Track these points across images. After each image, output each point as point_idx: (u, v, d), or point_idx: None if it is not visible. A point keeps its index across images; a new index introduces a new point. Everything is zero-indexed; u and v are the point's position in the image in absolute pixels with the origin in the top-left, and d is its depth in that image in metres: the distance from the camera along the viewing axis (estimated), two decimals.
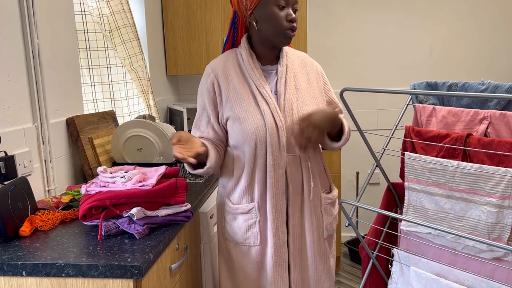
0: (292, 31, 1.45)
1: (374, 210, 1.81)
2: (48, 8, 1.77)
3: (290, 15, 1.43)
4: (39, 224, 1.38)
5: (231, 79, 1.51)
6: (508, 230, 1.60)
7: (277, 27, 1.44)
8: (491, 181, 1.62)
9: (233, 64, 1.53)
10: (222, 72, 1.52)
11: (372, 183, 3.36)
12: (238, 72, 1.52)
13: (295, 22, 1.45)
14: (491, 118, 1.70)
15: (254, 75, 1.49)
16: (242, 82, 1.51)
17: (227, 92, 1.50)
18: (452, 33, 3.34)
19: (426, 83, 1.93)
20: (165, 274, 1.35)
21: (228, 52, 1.59)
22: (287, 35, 1.45)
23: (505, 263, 1.63)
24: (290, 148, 1.48)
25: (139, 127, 2.01)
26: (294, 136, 1.45)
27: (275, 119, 1.46)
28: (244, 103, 1.48)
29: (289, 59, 1.55)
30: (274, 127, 1.45)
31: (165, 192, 1.41)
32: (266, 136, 1.45)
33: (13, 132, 1.55)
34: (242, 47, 1.53)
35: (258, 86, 1.48)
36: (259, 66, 1.52)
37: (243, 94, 1.49)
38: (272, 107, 1.46)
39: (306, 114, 1.37)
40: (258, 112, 1.47)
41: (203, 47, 3.12)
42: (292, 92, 1.50)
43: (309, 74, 1.57)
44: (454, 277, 1.75)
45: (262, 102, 1.47)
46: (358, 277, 3.10)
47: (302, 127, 1.35)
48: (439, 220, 1.79)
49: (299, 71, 1.56)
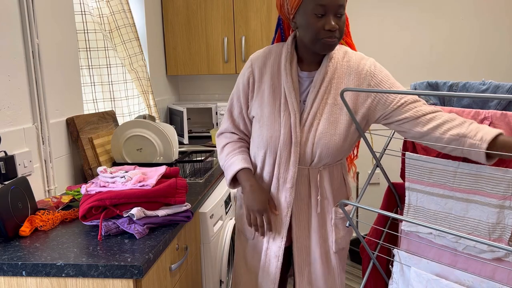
0: (331, 38, 1.33)
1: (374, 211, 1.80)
2: (48, 8, 1.77)
3: (329, 24, 1.31)
4: (39, 224, 1.37)
5: (265, 79, 1.47)
6: (509, 231, 1.60)
7: (313, 35, 1.34)
8: (492, 181, 1.61)
9: (272, 64, 1.47)
10: (260, 69, 1.48)
11: (372, 183, 3.36)
12: (275, 74, 1.46)
13: (336, 32, 1.33)
14: (492, 118, 1.70)
15: (287, 82, 1.42)
16: (275, 84, 1.46)
17: (258, 91, 1.48)
18: (453, 33, 3.34)
19: (426, 83, 1.93)
20: (165, 274, 1.35)
21: (275, 45, 1.51)
22: (325, 43, 1.34)
23: (506, 263, 1.63)
24: (301, 162, 1.45)
25: (139, 127, 2.00)
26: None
27: (291, 134, 1.42)
28: (269, 107, 1.45)
29: (332, 65, 1.42)
30: (288, 142, 1.42)
31: (165, 192, 1.41)
32: (277, 147, 1.44)
33: (13, 132, 1.55)
34: (285, 47, 1.46)
35: (287, 94, 1.42)
36: (296, 72, 1.44)
37: (270, 98, 1.45)
38: (292, 121, 1.41)
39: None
40: (277, 122, 1.43)
41: (203, 47, 3.12)
42: (321, 106, 1.41)
43: (349, 85, 1.42)
44: (454, 277, 1.75)
45: (285, 112, 1.42)
46: (358, 277, 3.09)
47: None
48: (439, 221, 1.78)
49: (339, 81, 1.42)
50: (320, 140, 1.40)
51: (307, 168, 1.46)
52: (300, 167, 1.46)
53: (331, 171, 1.50)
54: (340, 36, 1.36)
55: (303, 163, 1.45)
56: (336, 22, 1.32)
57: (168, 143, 2.01)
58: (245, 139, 1.60)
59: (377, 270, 2.06)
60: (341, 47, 1.48)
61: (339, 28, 1.34)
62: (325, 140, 1.40)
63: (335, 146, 1.41)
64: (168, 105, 3.15)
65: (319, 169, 1.47)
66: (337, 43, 1.37)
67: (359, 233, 1.97)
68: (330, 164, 1.49)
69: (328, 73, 1.42)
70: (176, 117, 2.98)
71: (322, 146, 1.40)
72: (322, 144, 1.40)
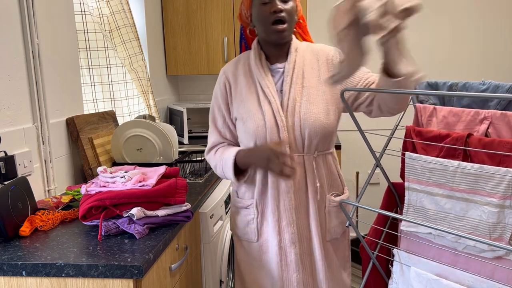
0: (278, 23, 1.41)
1: (374, 210, 1.81)
2: (48, 8, 1.77)
3: (274, 6, 1.40)
4: (39, 224, 1.37)
5: (240, 80, 1.53)
6: (510, 230, 1.60)
7: (264, 23, 1.43)
8: (492, 181, 1.62)
9: (243, 66, 1.55)
10: (232, 73, 1.55)
11: (372, 183, 3.35)
12: (247, 73, 1.53)
13: (281, 13, 1.40)
14: (491, 118, 1.70)
15: (260, 75, 1.49)
16: (250, 82, 1.51)
17: (235, 93, 1.53)
18: (453, 33, 3.34)
19: (426, 83, 1.93)
20: (165, 274, 1.35)
21: (241, 54, 1.61)
22: (274, 30, 1.42)
23: (506, 263, 1.63)
24: (293, 148, 1.47)
25: (139, 127, 2.00)
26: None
27: (276, 119, 1.45)
28: (248, 103, 1.49)
29: (300, 55, 1.51)
30: (274, 127, 1.45)
31: (165, 192, 1.41)
32: (266, 136, 1.45)
33: (13, 132, 1.55)
34: (252, 49, 1.54)
35: (263, 85, 1.48)
36: (266, 65, 1.51)
37: (248, 95, 1.50)
38: (274, 106, 1.45)
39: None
40: (259, 112, 1.47)
41: (203, 47, 3.12)
42: (298, 90, 1.47)
43: (321, 68, 1.51)
44: (454, 277, 1.75)
45: (264, 101, 1.47)
46: (358, 277, 3.09)
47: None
48: (439, 220, 1.78)
49: (310, 67, 1.51)
50: (305, 121, 1.44)
51: (302, 155, 1.48)
52: (294, 155, 1.47)
53: (325, 160, 1.53)
54: (290, 20, 1.43)
55: (295, 150, 1.47)
56: (282, 6, 1.41)
57: (168, 143, 2.01)
58: (234, 145, 1.59)
59: (377, 270, 2.06)
60: (302, 42, 1.57)
61: (286, 11, 1.42)
62: (311, 120, 1.44)
63: (321, 124, 1.45)
64: (168, 105, 3.15)
65: (314, 156, 1.49)
66: (287, 30, 1.44)
67: (359, 233, 1.97)
68: (323, 152, 1.52)
69: (297, 61, 1.50)
70: (176, 117, 2.98)
71: (309, 126, 1.44)
72: (308, 124, 1.44)
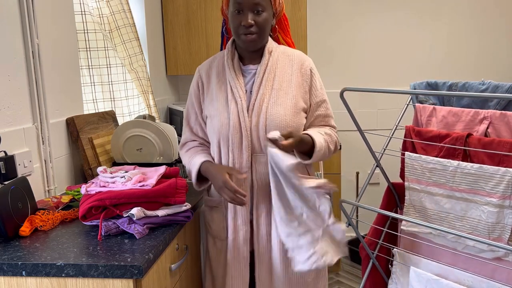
0: (249, 34, 1.44)
1: (374, 210, 1.81)
2: (48, 8, 1.77)
3: (245, 20, 1.43)
4: (39, 224, 1.37)
5: (213, 79, 1.57)
6: (509, 230, 1.60)
7: (235, 32, 1.48)
8: (492, 181, 1.62)
9: (217, 65, 1.58)
10: (206, 72, 1.59)
11: (372, 183, 3.35)
12: (220, 72, 1.56)
13: (251, 27, 1.43)
14: (491, 118, 1.70)
15: (230, 75, 1.52)
16: (221, 81, 1.55)
17: (207, 91, 1.57)
18: (452, 33, 3.34)
19: (426, 83, 1.93)
20: (165, 274, 1.35)
21: (218, 53, 1.64)
22: (244, 40, 1.46)
23: (506, 263, 1.63)
24: (257, 148, 1.48)
25: (139, 127, 2.00)
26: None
27: (239, 118, 1.47)
28: (217, 102, 1.53)
29: (273, 58, 1.53)
30: (237, 127, 1.47)
31: (165, 192, 1.41)
32: (228, 134, 1.48)
33: (13, 132, 1.55)
34: (226, 48, 1.57)
35: (232, 85, 1.51)
36: (238, 66, 1.54)
37: (218, 93, 1.53)
38: (239, 106, 1.48)
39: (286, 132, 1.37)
40: (226, 111, 1.50)
41: (203, 47, 3.12)
42: (267, 92, 1.49)
43: (293, 73, 1.53)
44: (454, 277, 1.75)
45: (232, 101, 1.50)
46: (358, 277, 3.09)
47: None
48: (439, 220, 1.79)
49: (282, 70, 1.53)
50: (272, 122, 1.46)
51: (265, 155, 1.46)
52: (258, 155, 1.49)
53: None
54: (260, 32, 1.46)
55: (259, 150, 1.48)
56: (253, 18, 1.43)
57: (168, 143, 2.01)
58: (205, 144, 1.64)
59: (377, 270, 2.06)
60: (279, 46, 1.59)
61: (257, 23, 1.44)
62: (277, 121, 1.46)
63: (287, 125, 1.47)
64: (168, 105, 3.15)
65: None
66: (257, 40, 1.47)
67: (358, 233, 1.97)
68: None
69: (270, 63, 1.52)
70: (176, 117, 2.98)
71: (274, 127, 1.45)
72: (274, 125, 1.46)
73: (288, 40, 1.64)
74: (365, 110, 3.44)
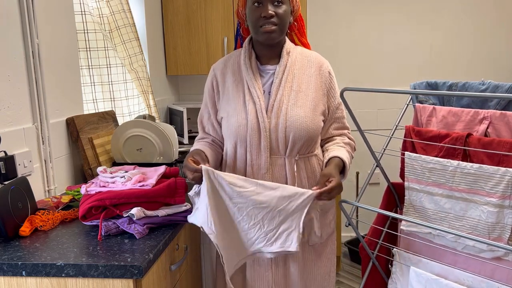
0: (268, 25, 1.43)
1: (374, 210, 1.81)
2: (48, 8, 1.77)
3: (265, 11, 1.42)
4: (39, 224, 1.38)
5: (228, 78, 1.54)
6: (509, 230, 1.60)
7: (253, 25, 1.46)
8: (491, 181, 1.62)
9: (233, 64, 1.56)
10: (221, 71, 1.57)
11: (372, 183, 3.35)
12: (236, 71, 1.54)
13: (272, 18, 1.43)
14: (491, 118, 1.70)
15: (247, 75, 1.50)
16: (237, 81, 1.52)
17: (223, 91, 1.54)
18: (452, 33, 3.34)
19: (426, 83, 1.93)
20: (165, 274, 1.35)
21: (232, 52, 1.62)
22: (263, 31, 1.44)
23: (505, 263, 1.63)
24: (275, 150, 1.47)
25: (139, 127, 2.01)
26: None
27: (258, 119, 1.45)
28: (234, 101, 1.50)
29: (292, 59, 1.52)
30: (255, 128, 1.45)
31: (165, 192, 1.41)
32: (246, 135, 1.46)
33: (13, 132, 1.55)
34: (243, 47, 1.55)
35: (250, 85, 1.49)
36: (256, 66, 1.52)
37: (234, 93, 1.51)
38: (258, 107, 1.46)
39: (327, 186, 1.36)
40: (243, 111, 1.48)
41: (203, 47, 3.12)
42: (286, 93, 1.47)
43: (312, 75, 1.52)
44: (454, 277, 1.75)
45: (249, 101, 1.48)
46: (358, 277, 3.09)
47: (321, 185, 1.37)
48: (439, 220, 1.79)
49: (301, 72, 1.52)
50: (292, 124, 1.45)
51: (283, 157, 1.47)
52: (276, 157, 1.47)
53: (307, 162, 1.51)
54: (281, 24, 1.45)
55: (277, 151, 1.47)
56: (273, 10, 1.43)
57: (168, 143, 2.01)
58: (215, 141, 1.62)
59: (377, 269, 2.06)
60: (296, 47, 1.57)
61: (278, 15, 1.44)
62: (297, 123, 1.45)
63: (306, 127, 1.46)
64: (168, 105, 3.15)
65: (295, 159, 1.48)
66: (277, 32, 1.45)
67: (358, 233, 1.97)
68: (305, 155, 1.50)
69: (288, 64, 1.51)
70: (176, 117, 2.98)
71: (294, 129, 1.44)
72: (294, 127, 1.44)
73: (304, 40, 1.63)
74: (365, 110, 3.44)
